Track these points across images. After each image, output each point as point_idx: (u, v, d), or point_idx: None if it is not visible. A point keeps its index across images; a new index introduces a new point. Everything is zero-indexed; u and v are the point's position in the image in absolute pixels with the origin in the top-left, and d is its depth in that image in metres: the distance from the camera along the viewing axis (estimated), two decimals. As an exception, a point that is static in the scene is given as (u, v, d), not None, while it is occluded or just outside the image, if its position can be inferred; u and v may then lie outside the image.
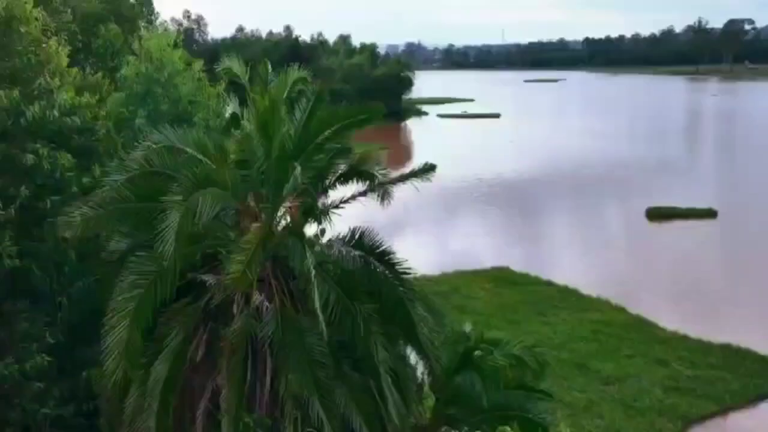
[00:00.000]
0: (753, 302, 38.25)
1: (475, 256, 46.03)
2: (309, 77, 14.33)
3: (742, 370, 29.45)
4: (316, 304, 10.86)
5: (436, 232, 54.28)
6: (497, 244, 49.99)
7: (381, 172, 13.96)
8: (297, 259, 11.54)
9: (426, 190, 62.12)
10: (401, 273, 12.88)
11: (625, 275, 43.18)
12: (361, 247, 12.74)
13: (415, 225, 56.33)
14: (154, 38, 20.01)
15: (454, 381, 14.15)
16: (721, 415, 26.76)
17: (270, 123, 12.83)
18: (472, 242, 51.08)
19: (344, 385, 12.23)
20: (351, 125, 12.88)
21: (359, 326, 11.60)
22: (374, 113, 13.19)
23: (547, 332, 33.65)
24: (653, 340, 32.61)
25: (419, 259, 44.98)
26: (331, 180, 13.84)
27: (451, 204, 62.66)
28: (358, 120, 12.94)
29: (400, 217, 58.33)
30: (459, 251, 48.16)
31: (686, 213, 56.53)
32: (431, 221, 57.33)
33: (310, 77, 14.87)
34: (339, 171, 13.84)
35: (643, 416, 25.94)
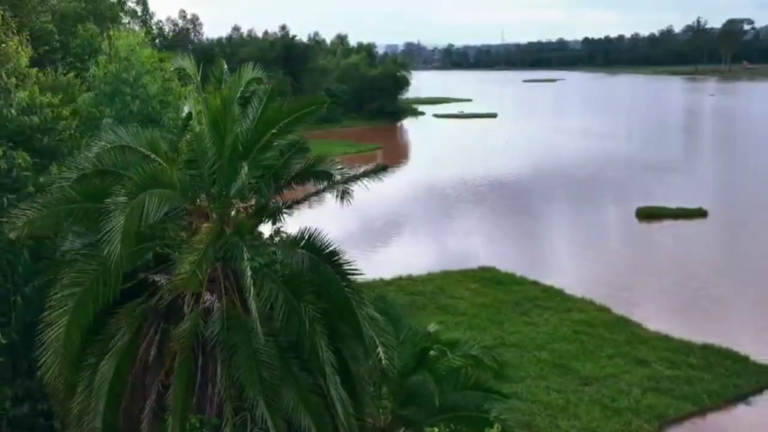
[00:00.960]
0: (737, 302, 38.28)
1: (463, 256, 46.03)
2: (264, 77, 14.25)
3: (722, 370, 29.38)
4: (251, 305, 10.85)
5: (425, 232, 54.31)
6: (485, 244, 49.97)
7: (338, 172, 13.85)
8: (238, 259, 11.53)
9: (416, 191, 62.61)
10: (348, 274, 12.79)
11: (611, 275, 43.11)
12: (310, 248, 12.68)
13: (404, 225, 56.40)
14: (122, 38, 19.89)
15: (408, 382, 14.11)
16: (699, 416, 26.71)
17: (221, 122, 12.80)
18: (460, 242, 51.15)
19: (293, 386, 12.19)
20: (296, 120, 12.80)
21: (305, 326, 11.56)
22: (318, 106, 13.09)
23: (529, 332, 33.61)
24: (635, 341, 32.53)
25: (407, 259, 45.48)
26: (286, 179, 13.77)
27: (441, 204, 62.74)
28: (302, 114, 12.85)
29: (389, 218, 58.45)
30: (447, 251, 48.22)
31: (676, 213, 56.50)
32: (421, 222, 57.36)
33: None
34: (294, 170, 13.76)
35: (619, 416, 25.88)
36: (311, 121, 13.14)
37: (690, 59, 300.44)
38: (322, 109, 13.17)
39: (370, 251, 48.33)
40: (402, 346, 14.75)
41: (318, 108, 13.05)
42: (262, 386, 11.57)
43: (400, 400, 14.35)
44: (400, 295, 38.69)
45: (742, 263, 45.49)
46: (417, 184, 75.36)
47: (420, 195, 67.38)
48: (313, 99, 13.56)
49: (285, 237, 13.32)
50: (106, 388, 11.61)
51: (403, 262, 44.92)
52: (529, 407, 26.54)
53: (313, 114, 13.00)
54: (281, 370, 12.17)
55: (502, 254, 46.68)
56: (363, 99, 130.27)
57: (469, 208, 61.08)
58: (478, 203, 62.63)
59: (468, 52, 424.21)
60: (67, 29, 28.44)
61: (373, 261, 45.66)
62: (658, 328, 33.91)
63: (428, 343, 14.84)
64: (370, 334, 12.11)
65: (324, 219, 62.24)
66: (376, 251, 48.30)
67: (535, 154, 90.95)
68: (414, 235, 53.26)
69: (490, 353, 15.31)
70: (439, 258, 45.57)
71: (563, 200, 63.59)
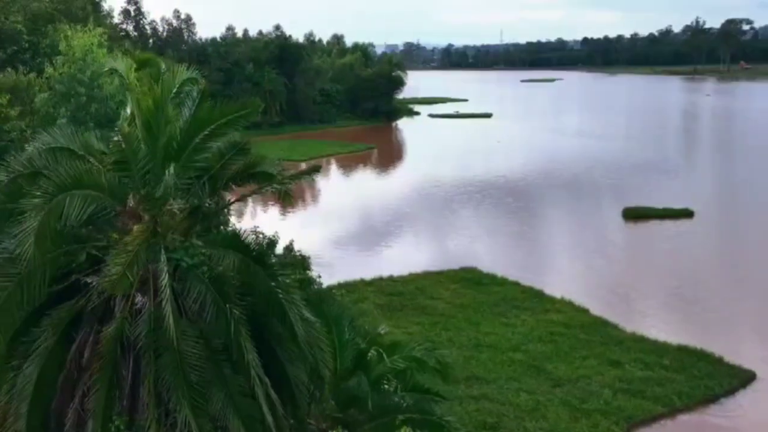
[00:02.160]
0: (716, 302, 38.14)
1: (446, 257, 45.97)
2: (200, 77, 14.16)
3: (694, 371, 29.27)
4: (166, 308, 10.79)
5: (410, 232, 54.10)
6: (468, 245, 49.89)
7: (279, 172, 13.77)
8: (156, 261, 11.46)
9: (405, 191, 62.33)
10: (278, 275, 12.70)
11: (593, 275, 43.10)
12: (240, 249, 12.59)
13: (390, 226, 56.27)
14: (78, 38, 19.80)
15: (346, 384, 14.03)
16: (669, 417, 26.60)
17: (154, 123, 12.73)
18: (444, 243, 51.04)
19: (223, 388, 12.11)
20: (227, 123, 12.72)
21: (231, 328, 11.50)
22: (251, 110, 13.02)
23: (505, 333, 33.52)
24: (611, 342, 32.42)
25: (390, 259, 45.39)
26: (224, 181, 13.68)
27: (428, 205, 62.62)
28: (234, 118, 12.77)
29: (377, 218, 58.38)
30: (429, 252, 48.12)
31: (662, 213, 56.39)
32: (407, 222, 57.21)
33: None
34: (232, 171, 13.67)
35: (588, 418, 25.76)
36: (245, 124, 13.06)
37: (689, 59, 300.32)
38: (256, 114, 13.10)
39: (355, 252, 48.32)
40: (343, 348, 14.66)
41: (251, 112, 12.98)
42: (187, 389, 11.50)
43: (341, 403, 14.26)
44: (379, 296, 38.74)
45: (724, 263, 45.48)
46: (406, 184, 75.39)
47: (408, 195, 67.36)
48: (245, 103, 13.47)
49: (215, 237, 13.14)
50: (30, 390, 11.54)
51: (386, 262, 44.88)
52: (498, 408, 26.43)
53: (245, 118, 12.94)
54: (211, 372, 12.10)
55: (485, 255, 46.62)
56: (358, 99, 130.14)
57: (455, 208, 61.01)
58: (464, 203, 62.54)
59: (467, 52, 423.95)
60: (38, 29, 28.35)
61: (356, 261, 45.69)
62: (634, 329, 33.83)
63: (366, 345, 14.73)
64: (303, 336, 12.02)
65: (314, 220, 62.18)
66: (360, 252, 48.26)
67: (526, 155, 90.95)
68: (399, 235, 53.09)
69: (433, 355, 15.16)
70: (422, 258, 45.46)
71: (551, 200, 63.45)
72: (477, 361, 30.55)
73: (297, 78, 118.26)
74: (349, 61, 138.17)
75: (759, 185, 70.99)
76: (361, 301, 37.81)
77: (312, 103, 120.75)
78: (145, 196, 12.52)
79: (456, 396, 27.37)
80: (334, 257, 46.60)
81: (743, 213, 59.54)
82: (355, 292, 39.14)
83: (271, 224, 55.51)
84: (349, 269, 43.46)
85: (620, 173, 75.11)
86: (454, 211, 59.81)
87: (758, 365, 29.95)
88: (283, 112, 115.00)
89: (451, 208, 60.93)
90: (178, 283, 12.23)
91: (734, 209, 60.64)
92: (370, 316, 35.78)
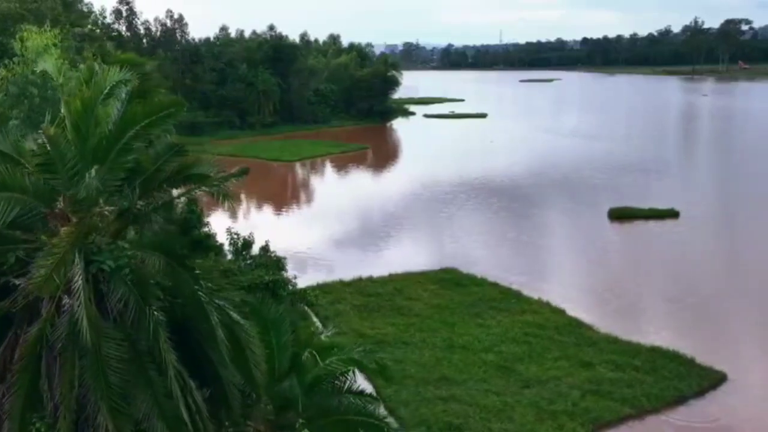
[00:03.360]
0: (694, 303, 38.06)
1: (427, 258, 45.87)
2: (133, 77, 14.10)
3: (665, 372, 29.21)
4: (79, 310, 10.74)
5: (393, 233, 53.96)
6: (450, 246, 49.84)
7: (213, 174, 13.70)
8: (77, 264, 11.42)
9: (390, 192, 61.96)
10: (201, 278, 12.65)
11: (573, 276, 43.05)
12: (166, 251, 12.53)
13: (374, 227, 56.23)
14: (32, 38, 19.77)
15: (280, 387, 13.98)
16: (637, 418, 26.54)
17: (83, 125, 12.68)
18: (426, 244, 50.95)
19: (147, 391, 12.06)
20: (152, 124, 12.66)
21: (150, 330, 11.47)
22: (176, 109, 12.94)
23: (479, 334, 33.45)
24: (584, 343, 32.36)
25: (372, 260, 45.35)
26: (157, 182, 13.62)
27: (413, 206, 62.56)
28: (159, 117, 12.70)
29: (360, 220, 58.35)
30: (411, 252, 47.97)
31: (648, 214, 56.32)
32: (391, 223, 57.14)
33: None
34: (166, 173, 13.60)
35: (554, 419, 25.71)
36: (172, 123, 13.00)
37: (688, 59, 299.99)
38: (181, 113, 13.02)
39: (338, 253, 48.25)
40: (281, 351, 14.62)
41: (176, 111, 12.91)
42: (107, 391, 11.44)
43: (276, 406, 14.22)
44: (357, 296, 38.70)
45: (705, 264, 45.38)
46: (394, 185, 75.42)
47: (395, 196, 67.36)
48: (169, 102, 13.39)
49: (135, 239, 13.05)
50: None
51: (368, 263, 44.86)
52: (465, 410, 26.39)
53: (171, 117, 12.87)
54: (136, 374, 12.05)
55: (466, 255, 46.55)
56: (352, 99, 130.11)
57: (440, 208, 60.90)
58: (449, 203, 62.40)
59: (466, 52, 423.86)
60: (7, 30, 28.31)
61: (340, 262, 45.62)
62: (609, 330, 33.77)
63: (299, 348, 14.67)
64: (222, 337, 11.97)
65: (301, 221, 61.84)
66: (343, 253, 48.14)
67: (517, 155, 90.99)
68: (381, 236, 52.96)
69: (372, 356, 15.09)
70: (403, 259, 45.38)
71: (537, 201, 63.32)
72: (449, 362, 30.49)
73: (291, 78, 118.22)
74: (344, 61, 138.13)
75: (748, 186, 70.96)
76: (339, 302, 37.80)
77: (306, 103, 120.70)
78: (72, 198, 12.47)
79: (424, 398, 27.47)
80: (318, 257, 46.68)
81: (729, 213, 59.52)
82: (332, 293, 39.13)
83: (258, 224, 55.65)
84: (334, 269, 43.52)
85: (610, 173, 75.01)
86: (439, 212, 59.70)
87: (730, 366, 29.89)
88: (277, 112, 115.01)
89: (436, 208, 60.82)
90: (104, 285, 12.20)
91: (720, 209, 60.63)
92: (345, 317, 35.87)
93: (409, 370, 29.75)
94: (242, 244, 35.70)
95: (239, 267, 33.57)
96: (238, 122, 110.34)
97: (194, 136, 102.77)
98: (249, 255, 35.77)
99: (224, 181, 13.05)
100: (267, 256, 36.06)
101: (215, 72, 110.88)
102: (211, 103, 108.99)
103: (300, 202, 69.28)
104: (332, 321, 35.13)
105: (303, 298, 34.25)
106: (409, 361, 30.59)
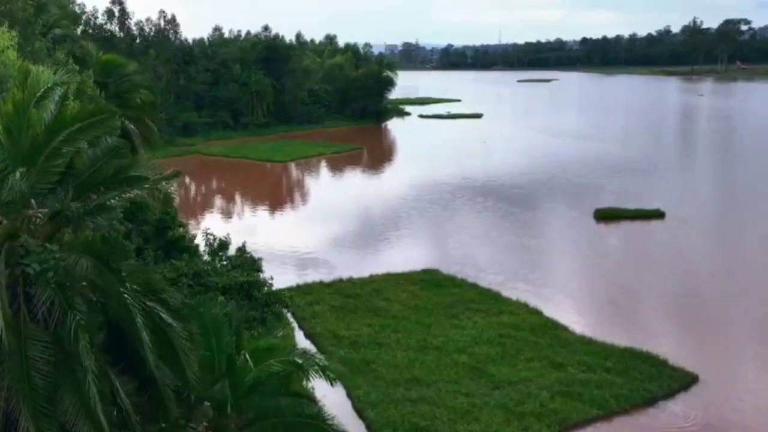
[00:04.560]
0: (672, 304, 38.06)
1: (409, 258, 45.75)
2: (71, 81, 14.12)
3: (636, 374, 29.14)
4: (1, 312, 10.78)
5: (377, 234, 53.89)
6: (434, 246, 49.80)
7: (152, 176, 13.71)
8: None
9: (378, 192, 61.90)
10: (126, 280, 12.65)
11: (554, 276, 42.98)
12: (94, 254, 12.52)
13: (360, 227, 56.21)
14: (-12, 40, 19.76)
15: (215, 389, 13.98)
16: (605, 420, 26.49)
17: (15, 128, 12.70)
18: (409, 245, 50.82)
19: (76, 393, 12.06)
20: (81, 129, 12.67)
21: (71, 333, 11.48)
22: (107, 116, 12.96)
23: (454, 335, 33.39)
24: (558, 344, 32.30)
25: (355, 261, 45.31)
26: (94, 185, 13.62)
27: (400, 206, 62.49)
28: (89, 123, 12.72)
29: (348, 221, 58.33)
30: (395, 253, 47.95)
31: (634, 214, 56.30)
32: (376, 223, 57.12)
33: None
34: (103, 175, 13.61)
35: (520, 421, 25.64)
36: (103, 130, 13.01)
37: (687, 59, 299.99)
38: (113, 120, 13.04)
39: (322, 253, 48.21)
40: (221, 353, 14.61)
41: (107, 118, 12.93)
42: (31, 393, 11.47)
43: (214, 408, 14.21)
44: (336, 297, 38.64)
45: (687, 265, 45.28)
46: (382, 185, 75.47)
47: (383, 196, 67.41)
48: (99, 109, 13.42)
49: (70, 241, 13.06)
50: None
51: (350, 264, 44.85)
52: (433, 411, 26.32)
53: (102, 124, 12.88)
54: (63, 376, 12.06)
55: (449, 256, 46.58)
56: (347, 99, 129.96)
57: (427, 207, 60.88)
58: (435, 203, 62.32)
59: (466, 52, 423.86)
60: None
61: (322, 263, 45.60)
62: (584, 331, 33.74)
63: (237, 350, 14.64)
64: (146, 340, 11.98)
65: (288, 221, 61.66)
66: (328, 253, 48.08)
67: (509, 155, 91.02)
68: (366, 237, 52.94)
69: (313, 358, 15.06)
70: (386, 260, 45.45)
71: (524, 201, 63.16)
72: (421, 363, 30.45)
73: (285, 78, 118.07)
74: (338, 62, 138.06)
75: (736, 186, 70.98)
76: (317, 302, 37.74)
77: (300, 103, 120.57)
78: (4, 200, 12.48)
79: (393, 399, 27.44)
80: (302, 258, 46.69)
81: (715, 214, 59.50)
82: (312, 294, 39.11)
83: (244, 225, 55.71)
84: (313, 270, 43.54)
85: (598, 173, 74.95)
86: (424, 212, 59.65)
87: (703, 368, 29.85)
88: (271, 112, 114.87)
89: (422, 209, 60.78)
90: (31, 288, 12.22)
91: (706, 210, 60.58)
92: (322, 318, 35.85)
93: (380, 371, 29.75)
94: (218, 245, 35.76)
95: (213, 268, 33.64)
96: (232, 123, 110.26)
97: (187, 136, 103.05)
98: (225, 256, 35.84)
99: (157, 183, 13.03)
100: (243, 257, 36.14)
101: (209, 72, 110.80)
102: (204, 104, 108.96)
103: (288, 203, 69.26)
104: (308, 322, 35.19)
105: (278, 299, 34.26)
106: (381, 362, 30.56)
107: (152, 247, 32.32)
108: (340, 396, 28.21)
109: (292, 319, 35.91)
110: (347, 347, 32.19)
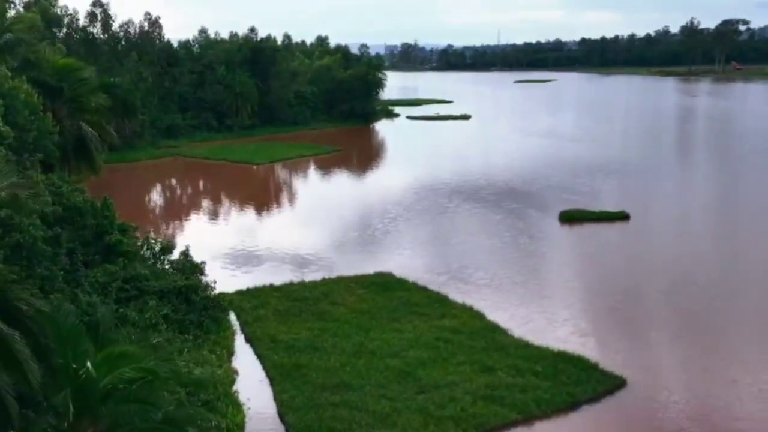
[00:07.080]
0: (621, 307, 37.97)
1: (366, 262, 45.81)
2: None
3: (564, 377, 29.12)
4: None
5: (340, 237, 53.91)
6: (394, 249, 49.75)
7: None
8: None
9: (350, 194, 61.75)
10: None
11: (509, 279, 42.87)
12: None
13: (323, 229, 56.30)
14: None
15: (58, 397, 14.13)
16: (525, 424, 26.50)
17: None
18: (367, 247, 50.83)
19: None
20: None
21: None
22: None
23: (392, 339, 33.40)
24: (493, 347, 32.28)
25: (310, 263, 45.38)
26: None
27: (368, 208, 62.58)
28: None
29: (312, 223, 58.43)
30: (352, 256, 47.93)
31: (599, 216, 56.33)
32: (341, 224, 57.17)
33: None
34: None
35: (438, 425, 25.65)
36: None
37: (686, 60, 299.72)
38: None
39: (281, 256, 48.31)
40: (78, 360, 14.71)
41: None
42: None
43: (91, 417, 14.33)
44: (283, 301, 38.68)
45: (644, 267, 45.16)
46: (354, 187, 75.56)
47: (352, 198, 67.52)
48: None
49: None
50: None
51: (308, 267, 45.01)
52: (352, 415, 26.35)
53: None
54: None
55: (403, 258, 46.65)
56: (334, 101, 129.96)
57: (389, 208, 60.86)
58: (398, 204, 62.31)
59: (465, 52, 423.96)
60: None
61: (276, 266, 45.71)
62: (523, 334, 33.78)
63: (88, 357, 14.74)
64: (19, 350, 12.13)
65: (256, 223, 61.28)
66: (286, 256, 48.17)
67: (488, 156, 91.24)
68: (328, 239, 52.98)
69: (167, 366, 15.15)
70: (343, 262, 45.51)
71: (492, 202, 63.13)
72: (352, 367, 30.46)
73: (271, 80, 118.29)
74: (326, 63, 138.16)
75: (708, 188, 70.89)
76: (263, 306, 37.80)
77: (286, 105, 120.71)
78: None
79: (316, 403, 27.49)
80: (258, 260, 46.85)
81: (681, 216, 59.40)
82: (259, 297, 39.16)
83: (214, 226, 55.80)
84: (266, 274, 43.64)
85: (576, 175, 74.91)
86: (387, 213, 59.59)
87: (634, 372, 29.88)
88: (256, 114, 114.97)
89: (385, 210, 60.76)
90: None
91: (673, 213, 60.45)
92: (264, 322, 35.95)
93: (310, 375, 29.79)
94: (160, 249, 35.89)
95: (152, 272, 33.76)
96: (216, 125, 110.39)
97: (171, 138, 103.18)
98: (167, 260, 35.97)
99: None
100: (186, 260, 36.26)
101: (194, 74, 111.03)
102: (188, 106, 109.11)
103: (261, 205, 69.29)
104: (250, 326, 35.30)
105: (216, 303, 34.39)
106: (313, 366, 30.60)
107: (90, 251, 32.44)
108: (265, 400, 28.42)
109: (236, 322, 36.04)
110: (282, 351, 32.27)
